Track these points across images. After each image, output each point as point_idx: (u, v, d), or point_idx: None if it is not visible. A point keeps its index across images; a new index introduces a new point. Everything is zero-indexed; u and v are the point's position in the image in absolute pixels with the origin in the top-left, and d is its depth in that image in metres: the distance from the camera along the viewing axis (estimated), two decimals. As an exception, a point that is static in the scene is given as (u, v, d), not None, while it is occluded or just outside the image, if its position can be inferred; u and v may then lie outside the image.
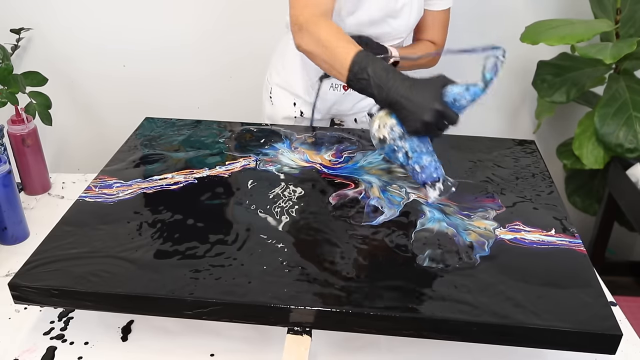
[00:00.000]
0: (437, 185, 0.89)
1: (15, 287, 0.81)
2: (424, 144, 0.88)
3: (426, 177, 0.89)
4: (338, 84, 1.25)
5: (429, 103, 0.84)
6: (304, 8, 1.00)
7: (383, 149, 0.90)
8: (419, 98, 0.84)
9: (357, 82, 0.89)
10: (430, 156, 0.89)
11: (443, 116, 0.84)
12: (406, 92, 0.84)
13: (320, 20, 0.99)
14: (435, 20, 1.23)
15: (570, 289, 0.80)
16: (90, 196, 0.98)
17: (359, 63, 0.89)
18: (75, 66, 1.81)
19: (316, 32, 0.96)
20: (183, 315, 0.79)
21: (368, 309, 0.76)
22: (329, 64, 0.94)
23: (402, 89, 0.85)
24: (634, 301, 1.45)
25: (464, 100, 0.84)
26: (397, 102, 0.85)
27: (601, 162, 1.61)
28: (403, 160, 0.89)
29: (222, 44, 1.79)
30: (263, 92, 1.36)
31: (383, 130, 0.88)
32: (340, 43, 0.94)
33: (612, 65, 1.61)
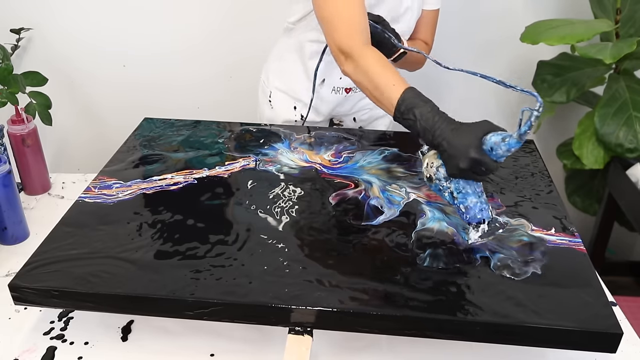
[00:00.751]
0: (481, 227, 0.89)
1: (15, 288, 0.81)
2: (469, 185, 0.88)
3: (470, 218, 0.89)
4: (340, 87, 1.25)
5: (466, 150, 0.84)
6: (349, 36, 0.99)
7: (430, 186, 0.93)
8: (459, 144, 0.84)
9: (403, 121, 0.90)
10: (476, 197, 0.89)
11: (480, 163, 0.84)
12: (449, 137, 0.85)
13: (366, 50, 0.98)
14: (428, 20, 1.24)
15: (571, 288, 0.80)
16: (89, 197, 0.98)
17: (406, 102, 0.89)
18: (75, 66, 1.81)
19: (364, 64, 0.96)
20: (184, 315, 0.79)
21: (369, 308, 0.76)
22: (376, 98, 0.94)
23: (446, 133, 0.85)
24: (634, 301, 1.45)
25: (500, 150, 0.84)
26: (440, 145, 0.86)
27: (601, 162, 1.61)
28: (449, 200, 0.90)
29: (222, 44, 1.79)
30: (260, 95, 1.35)
31: (430, 170, 0.90)
32: (387, 78, 0.93)
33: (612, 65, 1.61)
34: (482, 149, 0.84)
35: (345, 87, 1.24)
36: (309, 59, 1.21)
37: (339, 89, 1.24)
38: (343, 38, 0.99)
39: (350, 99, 1.27)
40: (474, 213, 0.89)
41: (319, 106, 1.27)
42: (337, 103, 1.27)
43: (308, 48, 1.20)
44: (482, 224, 0.88)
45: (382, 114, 1.35)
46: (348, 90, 1.25)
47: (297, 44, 1.22)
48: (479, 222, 0.89)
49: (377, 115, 1.35)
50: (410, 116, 0.88)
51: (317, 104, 1.26)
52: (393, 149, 1.13)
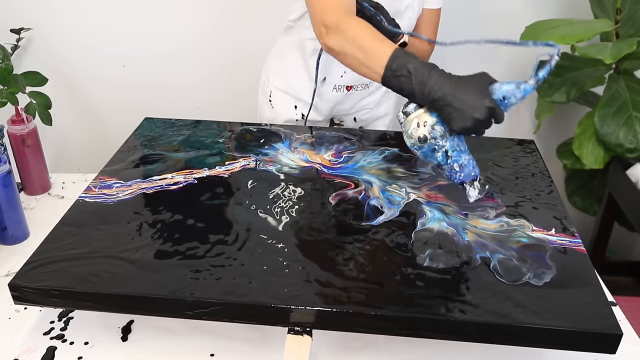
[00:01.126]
0: (475, 183, 0.86)
1: (15, 287, 0.81)
2: (461, 142, 0.86)
3: (465, 176, 0.87)
4: (341, 85, 1.24)
5: (480, 100, 0.81)
6: (329, 8, 0.96)
7: (421, 148, 0.87)
8: (468, 95, 0.81)
9: (394, 79, 0.86)
10: (467, 154, 0.87)
11: (493, 114, 0.82)
12: (452, 90, 0.81)
13: (348, 17, 0.95)
14: (429, 19, 1.23)
15: (571, 289, 0.80)
16: (90, 196, 0.98)
17: (398, 59, 0.86)
18: (75, 66, 1.81)
19: (347, 30, 0.93)
20: (183, 315, 0.79)
21: (368, 308, 0.76)
22: (362, 62, 0.90)
23: (447, 86, 0.82)
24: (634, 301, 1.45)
25: (513, 98, 0.82)
26: (442, 99, 0.82)
27: (601, 162, 1.61)
28: (441, 160, 0.87)
29: (222, 44, 1.79)
30: (260, 95, 1.35)
31: (423, 129, 0.85)
32: (375, 40, 0.90)
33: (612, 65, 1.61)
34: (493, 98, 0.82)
35: (346, 85, 1.24)
36: (310, 56, 1.21)
37: (339, 87, 1.24)
38: (325, 11, 0.96)
39: (351, 97, 1.27)
40: (468, 170, 0.87)
41: (319, 104, 1.27)
42: (337, 101, 1.27)
43: (309, 46, 1.20)
44: (476, 180, 0.87)
45: (383, 114, 1.35)
46: (349, 88, 1.25)
47: (297, 41, 1.22)
48: (472, 179, 0.87)
49: (377, 115, 1.35)
50: (403, 72, 0.84)
51: (318, 103, 1.26)
52: (393, 149, 1.13)
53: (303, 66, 1.24)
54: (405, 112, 0.88)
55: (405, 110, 0.88)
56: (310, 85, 1.23)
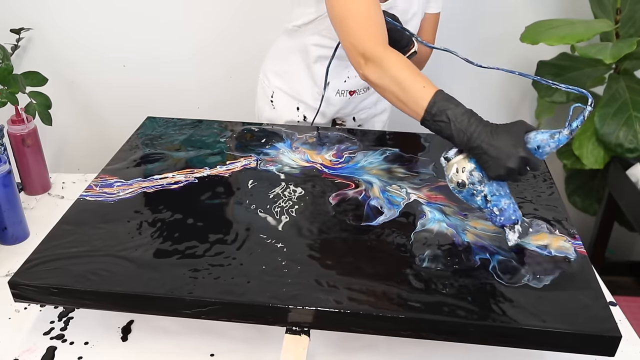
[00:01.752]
0: (516, 227, 0.87)
1: (15, 285, 0.81)
2: (502, 187, 0.87)
3: (505, 220, 0.88)
4: (344, 90, 1.24)
5: (514, 150, 0.82)
6: (367, 37, 0.95)
7: (460, 192, 0.89)
8: (503, 144, 0.82)
9: (433, 124, 0.87)
10: (508, 199, 0.88)
11: (527, 163, 0.83)
12: (488, 138, 0.83)
13: (387, 51, 0.94)
14: (429, 23, 1.24)
15: (570, 291, 0.80)
16: (91, 195, 0.98)
17: (437, 104, 0.86)
18: (75, 66, 1.81)
19: (387, 66, 0.92)
20: (182, 314, 0.80)
21: (367, 309, 0.76)
22: (401, 100, 0.90)
23: (484, 135, 0.83)
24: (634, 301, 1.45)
25: (547, 147, 0.84)
26: (479, 147, 0.83)
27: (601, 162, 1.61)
28: (481, 204, 0.88)
29: (222, 44, 1.79)
30: (259, 95, 1.34)
31: (462, 175, 0.87)
32: (415, 80, 0.90)
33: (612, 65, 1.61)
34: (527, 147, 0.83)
35: (349, 90, 1.24)
36: (314, 62, 1.21)
37: (343, 91, 1.24)
38: (362, 40, 0.95)
39: (353, 101, 1.27)
40: (508, 214, 0.87)
41: (324, 108, 1.27)
42: (341, 105, 1.27)
43: (313, 52, 1.20)
44: (517, 224, 0.87)
45: (380, 111, 1.35)
46: (352, 92, 1.25)
47: (301, 46, 1.21)
48: (513, 223, 0.87)
49: (374, 113, 1.35)
50: (442, 118, 0.85)
51: (323, 107, 1.26)
52: (394, 149, 1.13)
53: (306, 70, 1.23)
54: (446, 158, 0.89)
55: (446, 156, 0.89)
56: (312, 88, 1.24)
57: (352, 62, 0.98)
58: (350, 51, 0.98)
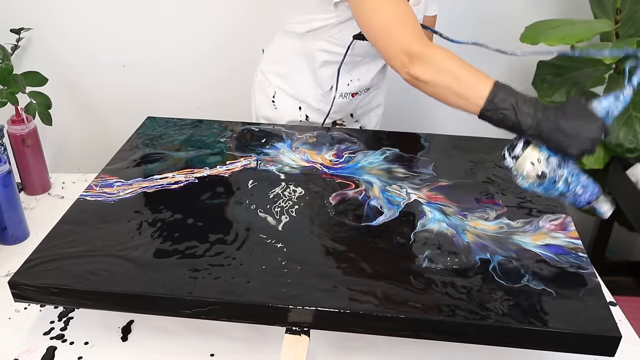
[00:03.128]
0: (602, 197, 0.86)
1: (15, 285, 0.81)
2: (574, 164, 0.86)
3: (590, 196, 0.86)
4: (347, 93, 1.25)
5: (592, 122, 0.82)
6: (412, 37, 0.92)
7: (541, 184, 0.86)
8: (577, 120, 0.82)
9: (496, 113, 0.84)
10: (584, 174, 0.86)
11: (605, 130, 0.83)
12: (560, 118, 0.82)
13: (434, 47, 0.92)
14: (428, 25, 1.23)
15: (570, 291, 0.80)
16: (91, 195, 0.98)
17: (500, 93, 0.84)
18: (75, 66, 1.81)
19: (438, 60, 0.90)
20: (182, 314, 0.80)
21: (366, 309, 0.76)
22: (458, 94, 0.88)
23: (553, 116, 0.82)
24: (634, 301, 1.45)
25: (616, 110, 0.83)
26: (553, 129, 0.82)
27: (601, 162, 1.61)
28: (564, 189, 0.86)
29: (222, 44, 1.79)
30: (257, 95, 1.33)
31: (540, 166, 0.84)
32: (470, 71, 0.88)
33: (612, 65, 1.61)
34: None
35: (352, 93, 1.25)
36: (320, 67, 1.20)
37: (346, 94, 1.25)
38: (407, 40, 0.92)
39: (354, 102, 1.28)
40: (591, 189, 0.86)
41: (323, 108, 1.27)
42: (343, 107, 1.28)
43: (320, 57, 1.19)
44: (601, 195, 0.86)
45: (375, 106, 1.36)
46: (354, 95, 1.26)
47: (306, 51, 1.20)
48: (597, 197, 0.86)
49: (370, 108, 1.36)
50: (506, 105, 0.83)
51: (323, 107, 1.26)
52: (394, 149, 1.13)
53: (310, 74, 1.23)
54: (514, 157, 0.86)
55: (514, 155, 0.86)
56: (316, 90, 1.24)
57: (394, 66, 0.95)
58: (394, 54, 0.94)
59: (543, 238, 0.90)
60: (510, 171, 0.87)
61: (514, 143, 0.86)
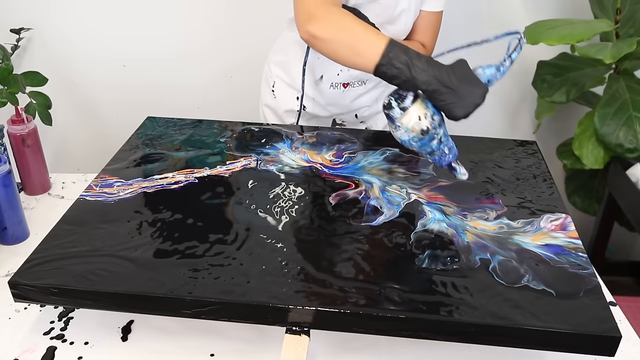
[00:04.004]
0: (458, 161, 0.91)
1: (15, 285, 0.81)
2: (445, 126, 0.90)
3: (452, 157, 0.91)
4: (338, 83, 1.25)
5: (479, 88, 0.85)
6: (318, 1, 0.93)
7: (421, 140, 0.88)
8: (466, 83, 0.84)
9: (390, 68, 0.85)
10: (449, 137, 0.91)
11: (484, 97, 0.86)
12: (449, 78, 0.83)
13: (334, 7, 0.93)
14: (428, 22, 1.23)
15: (570, 291, 0.80)
16: (91, 195, 0.98)
17: (395, 48, 0.85)
18: (75, 66, 1.81)
19: (333, 17, 0.90)
20: (182, 314, 0.80)
21: (366, 309, 0.76)
22: (353, 49, 0.88)
23: (445, 76, 0.83)
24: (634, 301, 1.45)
25: (494, 80, 0.88)
26: (443, 88, 0.83)
27: (601, 162, 1.61)
28: (436, 147, 0.89)
29: (222, 44, 1.79)
30: (262, 85, 1.36)
31: (425, 122, 0.87)
32: (367, 28, 0.88)
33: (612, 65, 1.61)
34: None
35: (342, 83, 1.25)
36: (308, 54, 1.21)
37: (336, 84, 1.25)
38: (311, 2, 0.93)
39: (348, 94, 1.28)
40: (455, 150, 0.92)
41: (318, 98, 1.28)
42: (335, 98, 1.28)
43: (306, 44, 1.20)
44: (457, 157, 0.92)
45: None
46: (345, 85, 1.26)
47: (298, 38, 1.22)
48: (456, 157, 0.92)
49: (377, 110, 1.36)
50: (400, 60, 0.84)
51: (317, 97, 1.28)
52: (394, 149, 1.13)
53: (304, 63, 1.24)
54: (402, 108, 0.87)
55: (402, 106, 0.87)
56: (311, 80, 1.24)
57: (297, 23, 0.96)
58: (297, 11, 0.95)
59: (543, 238, 0.90)
60: (392, 121, 0.89)
61: (402, 94, 0.87)
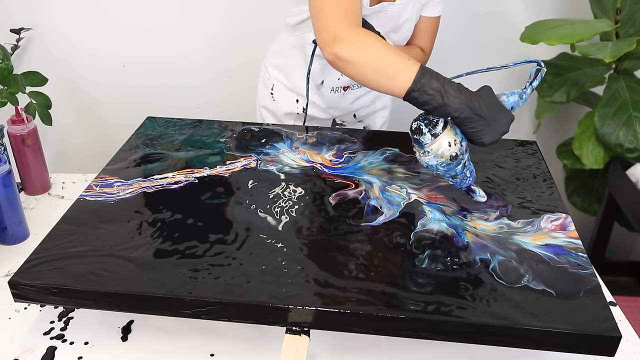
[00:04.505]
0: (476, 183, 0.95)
1: (15, 285, 0.81)
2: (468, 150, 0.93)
3: (472, 180, 0.95)
4: (338, 87, 1.25)
5: (506, 115, 0.87)
6: (339, 18, 0.91)
7: (449, 165, 0.90)
8: (494, 111, 0.86)
9: (421, 94, 0.85)
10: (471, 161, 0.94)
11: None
12: (479, 106, 0.85)
13: (359, 29, 0.92)
14: (426, 27, 1.24)
15: (570, 291, 0.80)
16: (91, 195, 0.98)
17: (427, 75, 0.85)
18: (75, 66, 1.81)
19: (361, 40, 0.89)
20: (182, 314, 0.80)
21: (366, 309, 0.76)
22: (382, 73, 0.87)
23: (475, 103, 0.85)
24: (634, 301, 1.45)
25: (517, 106, 0.90)
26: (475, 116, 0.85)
27: (601, 162, 1.61)
28: (460, 171, 0.92)
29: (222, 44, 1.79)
30: (260, 88, 1.36)
31: (455, 148, 0.89)
32: (397, 52, 0.88)
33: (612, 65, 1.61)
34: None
35: (343, 86, 1.26)
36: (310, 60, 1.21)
37: (337, 88, 1.26)
38: (335, 20, 0.91)
39: (348, 96, 1.28)
40: (474, 173, 0.95)
41: (319, 102, 1.28)
42: (336, 101, 1.29)
43: (309, 50, 1.20)
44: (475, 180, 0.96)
45: (380, 108, 1.37)
46: (346, 88, 1.26)
47: (300, 42, 1.22)
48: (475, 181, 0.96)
49: (374, 110, 1.36)
50: (432, 87, 0.84)
51: (318, 100, 1.28)
52: (394, 149, 1.13)
53: (304, 66, 1.24)
54: (434, 134, 0.88)
55: (434, 132, 0.88)
56: (312, 85, 1.24)
57: (320, 43, 0.94)
58: (321, 31, 0.93)
59: (543, 238, 0.90)
60: (422, 146, 0.90)
61: (432, 120, 0.88)
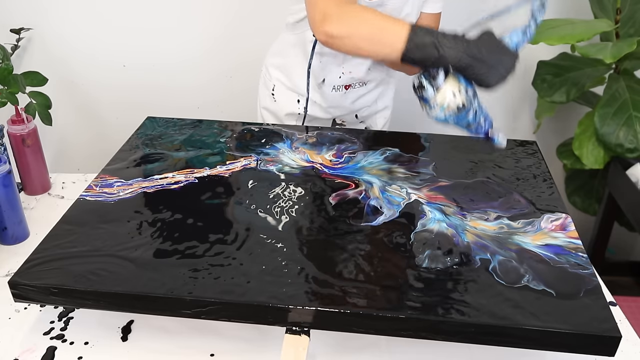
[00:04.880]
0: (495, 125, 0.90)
1: (15, 285, 0.81)
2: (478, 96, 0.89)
3: (488, 125, 0.90)
4: (340, 86, 1.25)
5: (509, 55, 0.86)
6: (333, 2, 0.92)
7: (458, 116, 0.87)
8: (495, 52, 0.85)
9: (416, 52, 0.85)
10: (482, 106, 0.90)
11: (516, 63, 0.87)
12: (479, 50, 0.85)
13: (348, 5, 0.93)
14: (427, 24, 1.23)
15: (570, 291, 0.80)
16: (91, 195, 0.98)
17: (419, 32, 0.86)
18: (75, 66, 1.81)
19: (349, 13, 0.90)
20: (182, 314, 0.80)
21: (366, 309, 0.76)
22: (375, 41, 0.88)
23: (474, 48, 0.85)
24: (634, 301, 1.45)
25: (522, 44, 0.87)
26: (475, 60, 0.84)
27: (601, 162, 1.61)
28: (472, 120, 0.88)
29: (222, 44, 1.79)
30: (261, 88, 1.36)
31: (460, 97, 0.86)
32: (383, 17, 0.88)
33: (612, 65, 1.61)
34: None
35: (344, 85, 1.25)
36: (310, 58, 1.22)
37: (338, 87, 1.25)
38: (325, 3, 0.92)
39: (350, 95, 1.28)
40: (490, 118, 0.90)
41: (320, 101, 1.28)
42: (338, 99, 1.28)
43: (309, 48, 1.20)
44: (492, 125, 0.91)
45: (381, 108, 1.36)
46: (347, 87, 1.26)
47: (300, 41, 1.22)
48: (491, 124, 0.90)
49: (376, 110, 1.36)
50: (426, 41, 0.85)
51: (319, 99, 1.28)
52: (394, 149, 1.13)
53: (304, 65, 1.24)
54: (436, 87, 0.86)
55: (436, 85, 0.86)
56: (313, 83, 1.24)
57: (311, 25, 0.95)
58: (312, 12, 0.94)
59: (543, 238, 0.90)
60: (426, 101, 0.88)
61: (432, 73, 0.87)
